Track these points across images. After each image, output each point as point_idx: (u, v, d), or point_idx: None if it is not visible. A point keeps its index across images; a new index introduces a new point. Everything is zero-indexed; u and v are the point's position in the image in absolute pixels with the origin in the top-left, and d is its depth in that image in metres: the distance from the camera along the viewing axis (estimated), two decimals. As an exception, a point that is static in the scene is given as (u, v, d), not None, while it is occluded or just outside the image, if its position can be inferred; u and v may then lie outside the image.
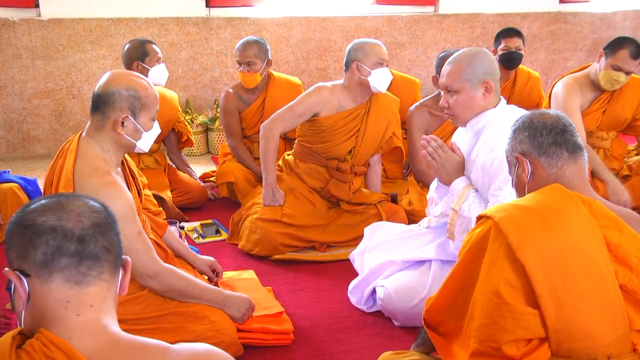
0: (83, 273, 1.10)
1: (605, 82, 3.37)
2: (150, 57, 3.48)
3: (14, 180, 3.38)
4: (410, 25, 5.79)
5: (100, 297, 1.12)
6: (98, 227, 1.13)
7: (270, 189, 3.12)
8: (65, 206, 1.13)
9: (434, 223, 2.59)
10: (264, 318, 2.31)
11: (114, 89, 2.01)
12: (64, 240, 1.09)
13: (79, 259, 1.10)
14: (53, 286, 1.09)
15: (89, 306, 1.11)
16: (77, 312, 1.10)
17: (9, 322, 2.46)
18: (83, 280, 1.10)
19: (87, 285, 1.11)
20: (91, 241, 1.11)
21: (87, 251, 1.11)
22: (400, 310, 2.37)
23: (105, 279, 1.13)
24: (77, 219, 1.12)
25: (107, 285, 1.14)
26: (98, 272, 1.12)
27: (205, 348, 1.16)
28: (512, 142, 1.67)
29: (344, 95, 3.16)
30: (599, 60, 3.39)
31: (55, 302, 1.10)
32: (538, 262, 1.39)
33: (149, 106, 2.07)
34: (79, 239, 1.10)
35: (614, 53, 3.30)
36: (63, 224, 1.11)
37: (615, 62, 3.29)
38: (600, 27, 6.43)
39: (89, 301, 1.11)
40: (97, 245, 1.12)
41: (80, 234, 1.11)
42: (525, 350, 1.41)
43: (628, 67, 3.30)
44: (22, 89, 4.83)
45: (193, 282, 2.17)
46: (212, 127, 5.12)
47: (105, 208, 1.20)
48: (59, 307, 1.10)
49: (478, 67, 2.26)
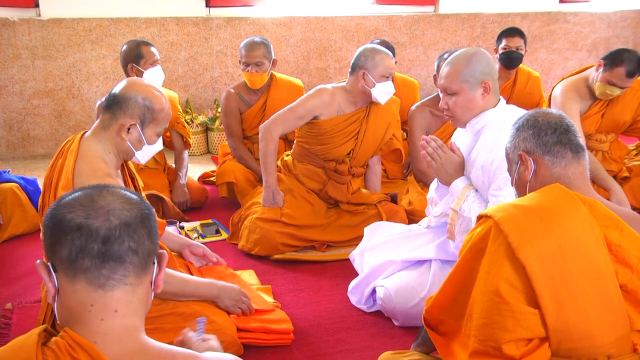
0: (106, 276, 1.07)
1: (599, 94, 3.39)
2: (145, 59, 3.40)
3: (14, 180, 3.39)
4: (410, 25, 5.79)
5: (124, 301, 1.09)
6: (126, 227, 1.08)
7: (271, 191, 3.12)
8: (95, 202, 1.09)
9: (433, 223, 2.59)
10: (263, 316, 2.31)
11: (131, 94, 2.02)
12: (88, 241, 1.06)
13: (101, 260, 1.06)
14: (78, 287, 1.07)
15: (114, 311, 1.08)
16: (101, 317, 1.07)
17: (9, 322, 2.46)
18: (106, 283, 1.07)
19: (110, 289, 1.07)
20: (116, 242, 1.07)
21: (111, 253, 1.06)
22: (400, 310, 2.37)
23: (130, 282, 1.09)
24: (104, 217, 1.07)
25: (132, 289, 1.10)
26: (122, 275, 1.08)
27: (231, 358, 1.17)
28: (515, 140, 1.66)
29: (345, 99, 3.15)
30: (597, 69, 3.37)
31: (79, 304, 1.08)
32: (538, 261, 1.39)
33: (159, 121, 2.08)
34: (103, 240, 1.06)
35: (611, 68, 3.28)
36: (90, 222, 1.07)
37: (612, 78, 3.29)
38: (600, 27, 6.43)
39: (114, 306, 1.08)
40: (122, 247, 1.07)
41: (106, 234, 1.06)
42: (526, 350, 1.41)
43: (622, 84, 3.30)
44: (22, 89, 4.83)
45: (186, 280, 2.18)
46: (212, 127, 5.12)
47: (141, 202, 1.15)
48: (83, 310, 1.07)
49: (476, 68, 2.25)
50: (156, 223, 1.17)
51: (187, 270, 2.41)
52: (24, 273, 2.88)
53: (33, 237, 3.27)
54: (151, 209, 1.16)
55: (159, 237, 1.18)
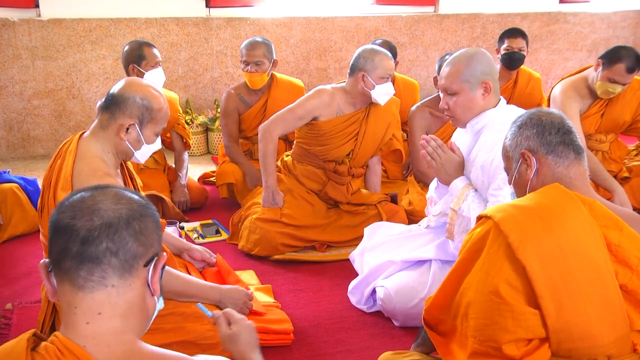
0: (84, 277, 1.05)
1: (601, 93, 3.38)
2: (147, 60, 3.39)
3: (14, 180, 3.39)
4: (410, 25, 5.79)
5: (108, 303, 1.06)
6: (107, 228, 1.05)
7: (271, 191, 3.11)
8: (84, 202, 1.08)
9: (433, 223, 2.59)
10: (264, 312, 2.31)
11: (130, 94, 2.02)
12: (69, 241, 1.04)
13: (79, 262, 1.04)
14: (65, 288, 1.07)
15: (97, 314, 1.05)
16: (86, 320, 1.05)
17: (9, 322, 2.46)
18: (85, 285, 1.05)
19: (90, 291, 1.05)
20: (93, 243, 1.04)
21: (88, 254, 1.04)
22: (400, 310, 2.37)
23: (111, 283, 1.06)
24: (87, 218, 1.06)
25: (115, 291, 1.06)
26: (100, 277, 1.05)
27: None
28: (517, 138, 1.65)
29: (344, 100, 3.15)
30: (596, 68, 3.37)
31: (66, 305, 1.07)
32: (538, 262, 1.39)
33: (158, 121, 2.09)
34: (82, 240, 1.04)
35: (610, 66, 3.28)
36: (74, 222, 1.05)
37: (612, 75, 3.29)
38: (600, 27, 6.43)
39: (96, 309, 1.06)
40: (99, 248, 1.04)
41: (85, 235, 1.04)
42: (526, 350, 1.41)
43: (623, 81, 3.30)
44: (22, 89, 4.83)
45: (189, 282, 2.17)
46: (212, 127, 5.12)
47: (134, 202, 1.11)
48: (70, 312, 1.06)
49: (476, 68, 2.25)
50: (155, 224, 1.13)
51: (186, 271, 2.40)
52: (24, 273, 2.89)
53: (33, 237, 3.26)
54: (148, 210, 1.13)
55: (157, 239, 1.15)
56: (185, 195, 3.66)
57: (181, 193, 3.65)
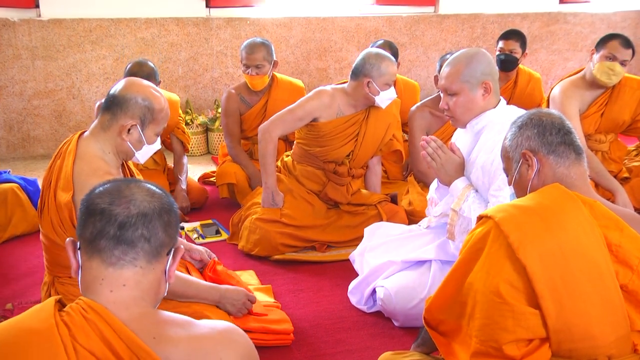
0: (117, 257, 1.18)
1: (601, 74, 3.37)
2: None
3: (14, 180, 3.38)
4: (410, 26, 5.79)
5: (133, 280, 1.20)
6: (143, 217, 1.19)
7: (270, 192, 3.11)
8: (121, 192, 1.22)
9: (434, 223, 2.59)
10: (265, 313, 2.31)
11: (131, 94, 2.02)
12: (107, 225, 1.18)
13: (115, 243, 1.18)
14: (93, 264, 1.19)
15: (122, 285, 1.19)
16: (110, 289, 1.18)
17: (8, 323, 2.46)
18: (117, 263, 1.18)
19: (120, 268, 1.19)
20: (130, 229, 1.18)
21: (125, 237, 1.18)
22: (400, 310, 2.37)
23: (140, 265, 1.20)
24: (125, 206, 1.19)
25: (142, 271, 1.20)
26: (132, 258, 1.19)
27: (224, 325, 1.29)
28: (518, 138, 1.65)
29: (345, 101, 3.14)
30: (591, 58, 3.42)
31: (93, 278, 1.20)
32: (539, 262, 1.39)
33: (159, 122, 2.10)
34: (119, 225, 1.18)
35: (605, 45, 3.35)
36: (112, 208, 1.19)
37: (609, 51, 3.34)
38: (600, 27, 6.43)
39: (122, 281, 1.19)
40: (135, 233, 1.18)
41: (123, 220, 1.18)
42: (526, 351, 1.41)
43: (621, 56, 3.32)
44: (22, 89, 4.83)
45: (189, 282, 2.17)
46: (212, 128, 5.12)
47: (165, 198, 1.26)
48: (96, 283, 1.19)
49: (476, 68, 2.25)
50: (177, 219, 1.27)
51: (186, 271, 2.40)
52: (24, 273, 2.88)
53: (33, 237, 3.26)
54: (173, 206, 1.27)
55: (178, 232, 1.29)
56: (187, 201, 3.66)
57: (182, 198, 3.64)
